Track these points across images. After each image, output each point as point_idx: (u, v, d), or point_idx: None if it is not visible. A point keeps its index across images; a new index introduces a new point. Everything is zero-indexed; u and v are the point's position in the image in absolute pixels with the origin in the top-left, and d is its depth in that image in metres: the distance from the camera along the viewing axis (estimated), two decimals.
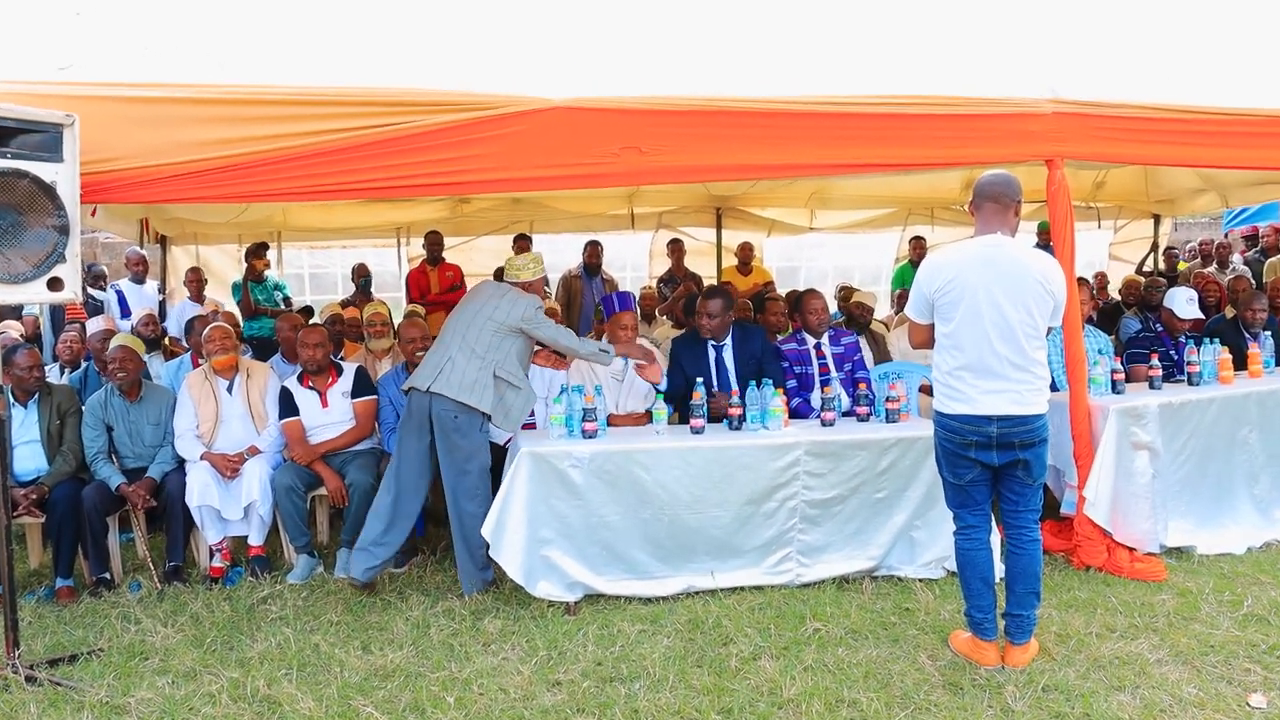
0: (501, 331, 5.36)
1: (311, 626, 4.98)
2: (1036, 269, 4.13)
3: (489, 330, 5.36)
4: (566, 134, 4.79)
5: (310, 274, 12.53)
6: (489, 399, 5.26)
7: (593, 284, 10.15)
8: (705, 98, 4.98)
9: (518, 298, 5.47)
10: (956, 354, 4.19)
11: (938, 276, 4.23)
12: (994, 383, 4.12)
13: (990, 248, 4.16)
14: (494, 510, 5.02)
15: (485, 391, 5.26)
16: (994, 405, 4.12)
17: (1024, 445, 4.15)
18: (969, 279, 4.14)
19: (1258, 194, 10.44)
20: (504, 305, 5.41)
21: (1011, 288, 4.10)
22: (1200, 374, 6.23)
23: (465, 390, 5.23)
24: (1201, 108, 5.69)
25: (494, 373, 5.29)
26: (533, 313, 5.42)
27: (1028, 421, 4.13)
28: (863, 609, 4.99)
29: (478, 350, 5.31)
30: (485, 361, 5.30)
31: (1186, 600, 5.00)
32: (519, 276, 5.65)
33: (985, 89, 5.39)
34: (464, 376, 5.26)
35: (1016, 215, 4.25)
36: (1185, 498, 5.82)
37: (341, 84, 4.74)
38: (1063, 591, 5.15)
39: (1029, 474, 4.23)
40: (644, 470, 5.07)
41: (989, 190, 4.22)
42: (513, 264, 5.73)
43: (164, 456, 5.94)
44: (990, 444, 4.16)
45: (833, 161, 5.33)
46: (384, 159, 4.69)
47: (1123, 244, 12.64)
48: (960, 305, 4.15)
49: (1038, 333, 4.14)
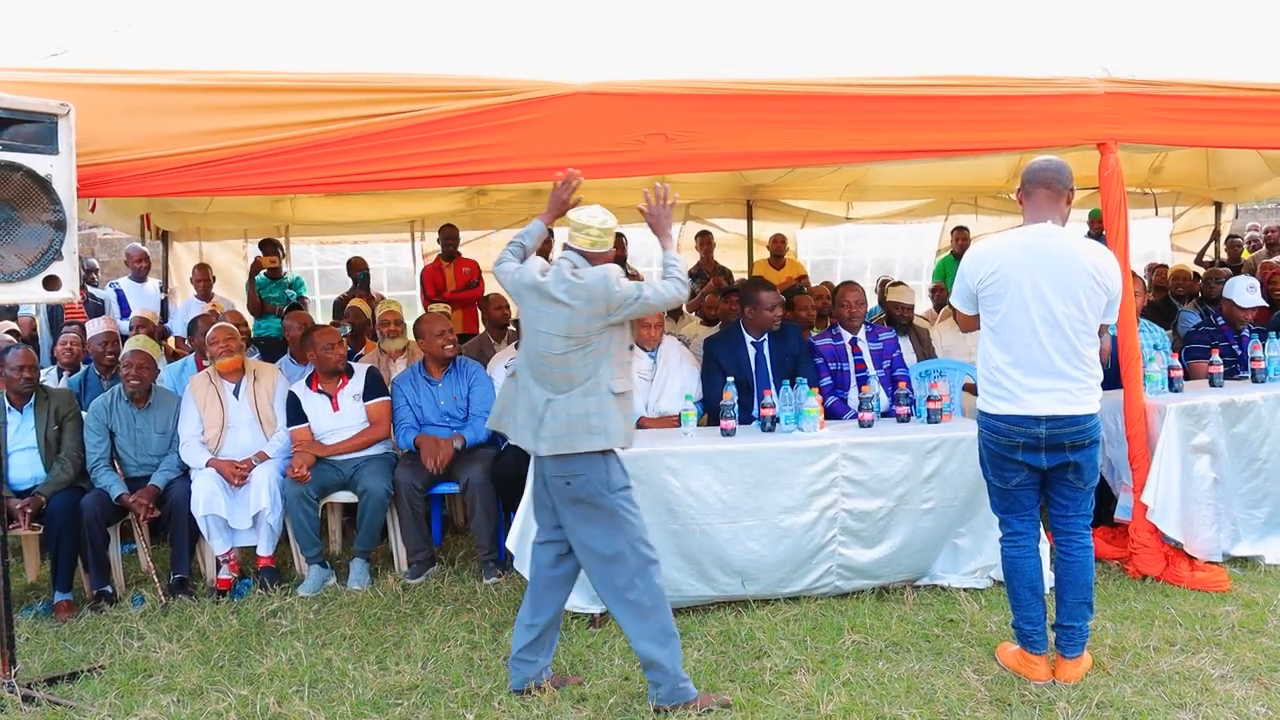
0: (593, 336, 4.12)
1: (324, 641, 5.02)
2: (1089, 261, 4.08)
3: (572, 346, 4.11)
4: (589, 120, 4.81)
5: (320, 270, 12.60)
6: (604, 426, 4.09)
7: None
8: (735, 81, 4.98)
9: (588, 284, 4.11)
10: (1002, 350, 4.16)
11: (982, 267, 4.19)
12: (1042, 380, 4.08)
13: (1040, 237, 4.12)
14: (518, 518, 5.03)
15: (596, 419, 4.08)
16: (1042, 405, 4.08)
17: (1074, 447, 4.11)
18: (1015, 270, 4.10)
19: None
20: (577, 300, 4.09)
21: (1061, 280, 4.05)
22: (1265, 370, 6.15)
23: (567, 435, 4.09)
24: (1265, 84, 5.64)
25: (607, 388, 4.11)
26: (615, 290, 4.10)
27: (1079, 422, 4.09)
28: (904, 620, 4.97)
29: (576, 374, 4.10)
30: (588, 384, 4.10)
31: (1252, 612, 4.95)
32: (587, 244, 4.29)
33: (1033, 68, 5.36)
34: (562, 415, 4.11)
35: (1069, 203, 4.20)
36: (1250, 503, 5.76)
37: (352, 70, 4.79)
38: (1117, 602, 5.12)
39: (1080, 477, 4.19)
40: (672, 475, 5.06)
41: (1041, 176, 4.17)
42: (576, 224, 4.32)
43: (168, 464, 5.99)
44: (1039, 446, 4.12)
45: (871, 147, 5.31)
46: (397, 148, 4.73)
47: (1185, 233, 12.50)
48: (1005, 298, 4.12)
49: (1089, 328, 4.10)
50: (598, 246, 4.26)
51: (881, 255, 13.26)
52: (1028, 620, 4.27)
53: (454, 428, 6.17)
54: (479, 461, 6.01)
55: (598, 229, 4.25)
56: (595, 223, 4.27)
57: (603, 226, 4.26)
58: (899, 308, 7.36)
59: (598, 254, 4.25)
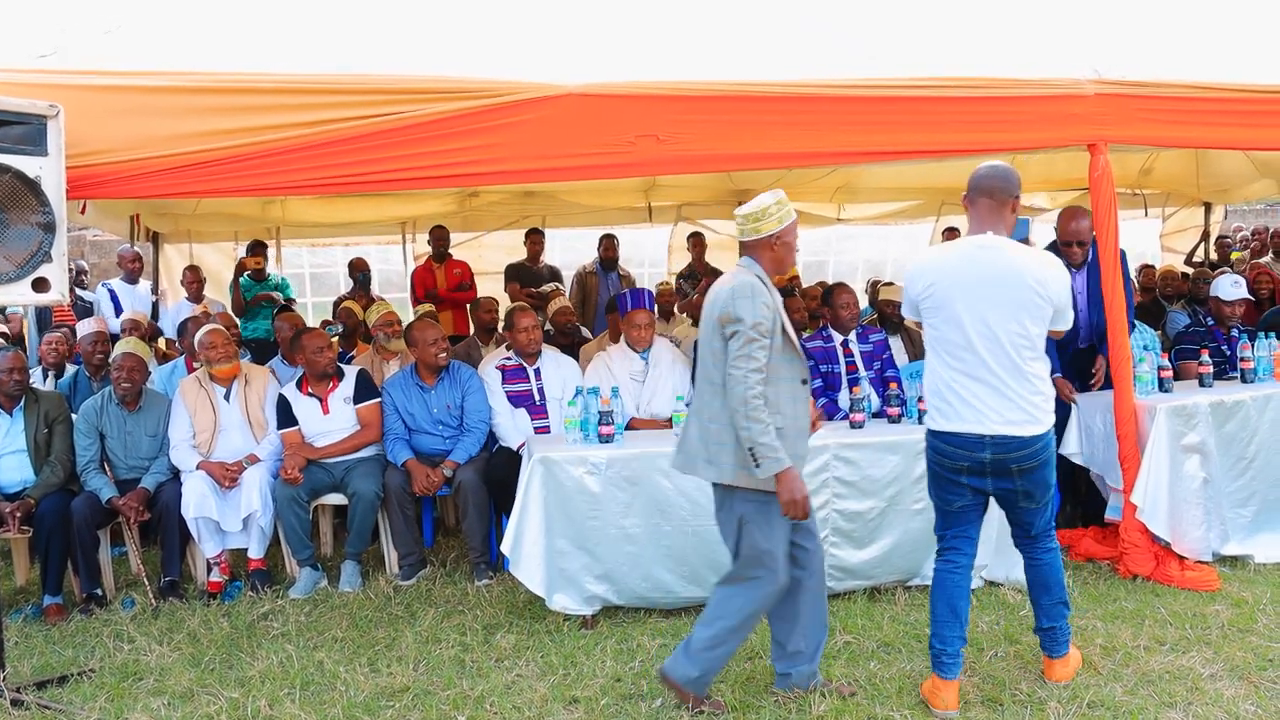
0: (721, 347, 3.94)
1: (315, 643, 5.01)
2: (1031, 273, 3.89)
3: (708, 356, 4.01)
4: (580, 122, 4.82)
5: (311, 273, 12.58)
6: (733, 458, 3.91)
7: (609, 280, 10.17)
8: (726, 82, 4.99)
9: (735, 275, 3.98)
10: (943, 365, 4.02)
11: (919, 280, 4.06)
12: (984, 398, 3.91)
13: (979, 249, 3.95)
14: (511, 523, 5.03)
15: (726, 450, 3.93)
16: (985, 423, 3.91)
17: (1022, 471, 3.94)
18: (952, 284, 3.95)
19: None
20: (721, 294, 3.95)
21: (1000, 293, 3.88)
22: (1254, 370, 6.18)
23: (697, 459, 4.05)
24: (1255, 86, 5.68)
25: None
26: (737, 291, 3.88)
27: (1027, 444, 3.91)
28: (896, 620, 4.98)
29: (716, 384, 3.95)
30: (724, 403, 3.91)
31: (1242, 611, 4.97)
32: (758, 230, 4.00)
33: (1024, 69, 5.39)
34: (695, 436, 4.06)
35: (1014, 212, 4.05)
36: (1238, 502, 5.78)
37: (343, 71, 4.79)
38: (1108, 602, 5.13)
39: (1030, 499, 4.04)
40: (664, 477, 5.05)
41: (984, 184, 4.01)
42: (740, 209, 4.07)
43: (159, 467, 5.98)
44: (984, 471, 3.97)
45: (863, 149, 5.33)
46: (388, 149, 4.73)
47: (1175, 234, 12.56)
48: (943, 311, 3.97)
49: (1031, 343, 3.91)
50: (747, 235, 4.03)
51: (873, 256, 13.28)
52: (940, 639, 4.07)
53: (446, 436, 6.16)
54: (470, 463, 6.00)
55: (742, 214, 4.04)
56: (740, 210, 4.06)
57: (747, 211, 4.02)
58: (891, 306, 7.37)
59: (749, 242, 4.04)
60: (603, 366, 6.18)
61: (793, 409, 3.95)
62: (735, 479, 3.89)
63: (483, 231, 11.50)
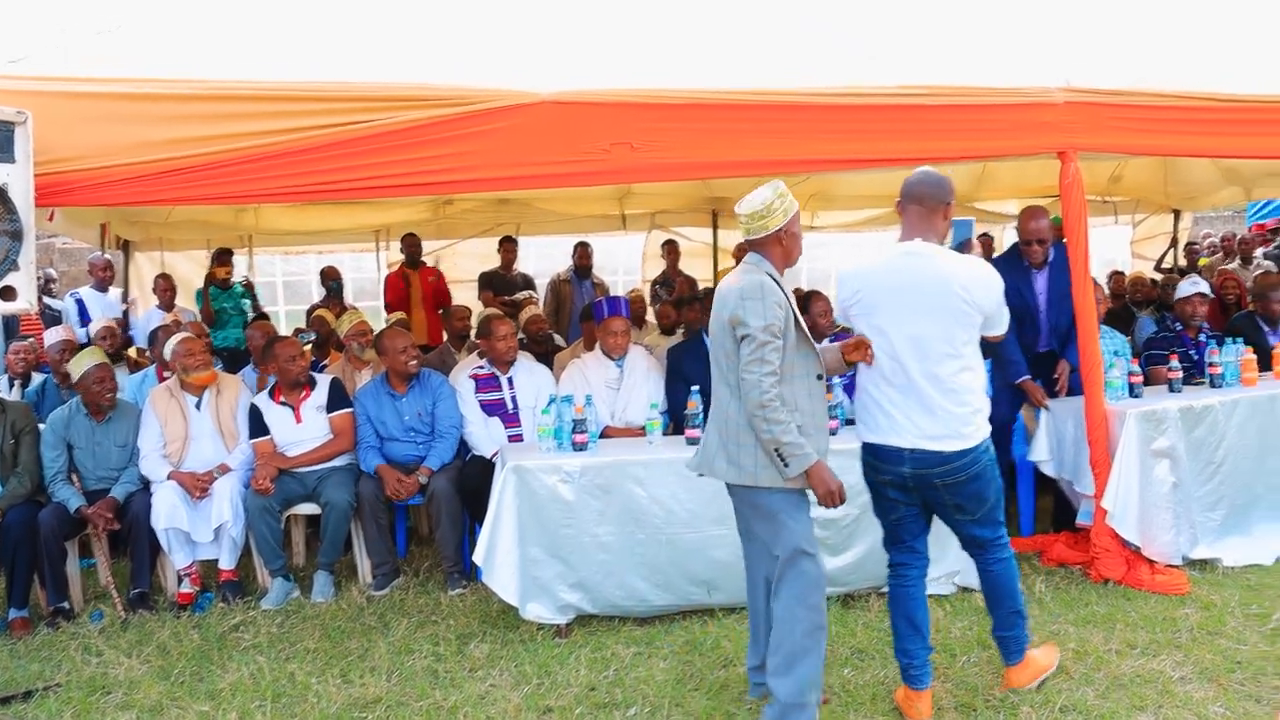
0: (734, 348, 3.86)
1: (287, 654, 4.97)
2: (957, 279, 3.79)
3: (721, 357, 3.94)
4: (554, 129, 4.82)
5: (284, 281, 12.52)
6: (754, 458, 3.83)
7: (583, 288, 10.18)
8: (700, 90, 5.01)
9: (744, 274, 3.89)
10: (867, 375, 3.98)
11: (845, 288, 4.02)
12: (905, 410, 3.85)
13: (906, 256, 3.90)
14: (485, 532, 5.00)
15: (748, 452, 3.85)
16: (904, 436, 3.85)
17: (948, 486, 3.85)
18: (878, 292, 3.91)
19: None
20: (730, 295, 3.86)
21: (925, 301, 3.80)
22: (1223, 375, 6.23)
23: (716, 460, 3.96)
24: (1222, 95, 5.75)
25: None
26: (745, 292, 3.80)
27: (949, 460, 3.81)
28: (869, 627, 4.99)
29: (732, 385, 3.88)
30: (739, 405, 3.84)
31: (1211, 614, 5.01)
32: (765, 227, 3.89)
33: (995, 78, 5.45)
34: (714, 437, 3.99)
35: (946, 219, 3.98)
36: (1207, 506, 5.82)
37: (315, 79, 4.77)
38: (1080, 606, 5.16)
39: (964, 512, 3.95)
40: (638, 485, 5.06)
41: (914, 191, 3.96)
42: (741, 205, 3.93)
43: (128, 477, 5.91)
44: (905, 484, 3.89)
45: (837, 156, 5.34)
46: (361, 157, 4.72)
47: (1145, 240, 12.68)
48: (868, 319, 3.94)
49: (957, 353, 3.81)
50: (754, 233, 3.90)
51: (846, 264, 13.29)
52: (904, 653, 4.06)
53: (419, 443, 6.14)
54: (444, 472, 5.98)
55: (746, 213, 3.89)
56: (742, 209, 3.90)
57: (750, 209, 3.87)
58: None
59: (756, 240, 3.92)
60: (578, 374, 6.17)
61: (810, 404, 3.84)
62: (758, 479, 3.80)
63: (456, 239, 11.47)
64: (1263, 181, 10.00)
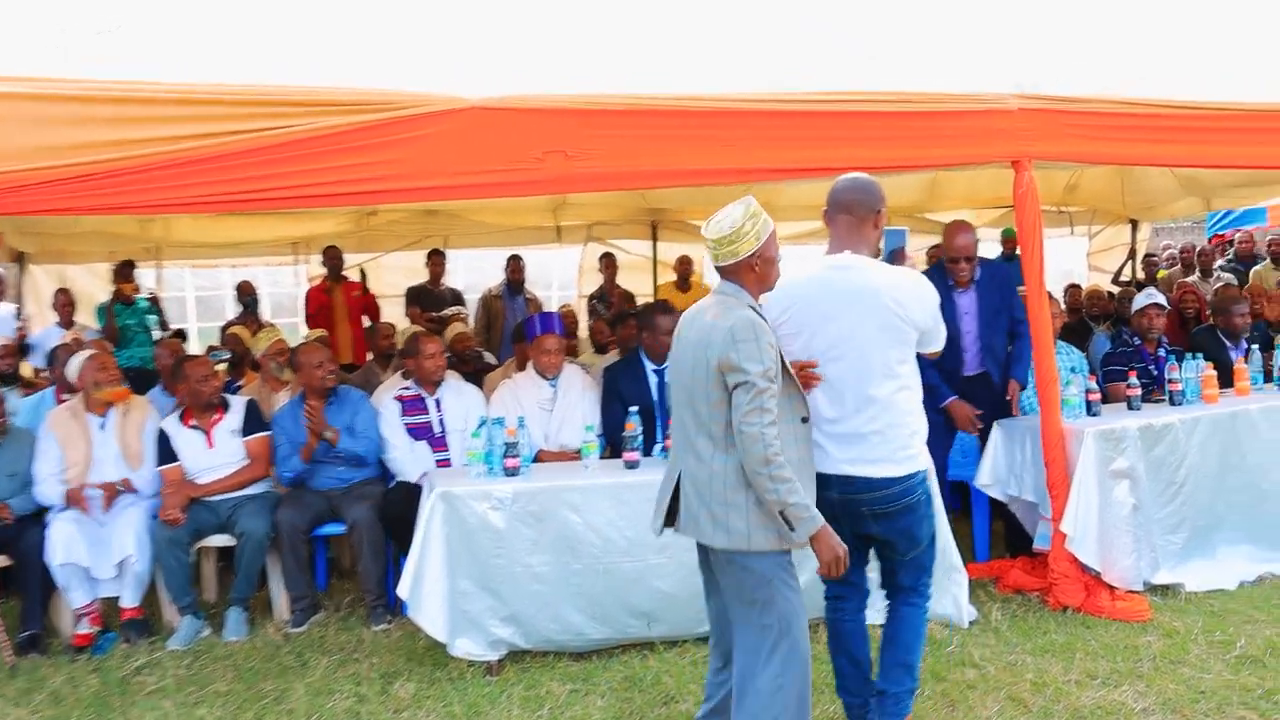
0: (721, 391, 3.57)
1: (196, 698, 4.91)
2: (890, 293, 3.73)
3: (703, 405, 3.62)
4: (483, 137, 4.82)
5: (196, 296, 12.39)
6: (746, 520, 3.56)
7: (515, 303, 10.18)
8: (639, 95, 5.04)
9: (726, 310, 3.61)
10: None
11: (776, 304, 3.87)
12: (833, 433, 3.76)
13: (834, 270, 3.82)
14: (410, 563, 4.98)
15: (737, 513, 3.56)
16: (830, 460, 3.75)
17: (878, 517, 3.76)
18: (806, 308, 3.82)
19: (1243, 196, 10.71)
20: (715, 335, 3.57)
21: (857, 317, 3.72)
22: (1183, 392, 6.30)
23: (700, 521, 3.65)
24: (1181, 102, 5.87)
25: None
26: (738, 332, 3.51)
27: (877, 487, 3.71)
28: (817, 660, 4.99)
29: (715, 437, 3.60)
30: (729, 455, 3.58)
31: (1174, 642, 5.09)
32: (735, 253, 3.63)
33: (946, 84, 5.52)
34: (692, 495, 3.68)
35: (876, 228, 3.93)
36: (1168, 529, 5.91)
37: (229, 81, 4.72)
38: (1038, 635, 5.23)
39: (894, 550, 3.87)
40: (573, 512, 5.07)
41: (842, 199, 3.89)
42: (708, 228, 3.67)
43: (20, 505, 5.80)
44: (833, 513, 3.63)
45: (779, 166, 5.38)
46: (279, 165, 4.67)
47: (1101, 252, 12.93)
48: (798, 339, 3.83)
49: (890, 372, 3.74)
50: (723, 259, 3.64)
51: None
52: (847, 692, 4.03)
53: (340, 465, 6.12)
54: (366, 500, 5.94)
55: (714, 237, 3.62)
56: (710, 232, 3.64)
57: (719, 233, 3.61)
58: None
59: (727, 267, 3.65)
60: (509, 395, 6.16)
61: (797, 451, 3.60)
62: (752, 543, 3.52)
63: (381, 252, 11.43)
64: (1222, 192, 10.21)
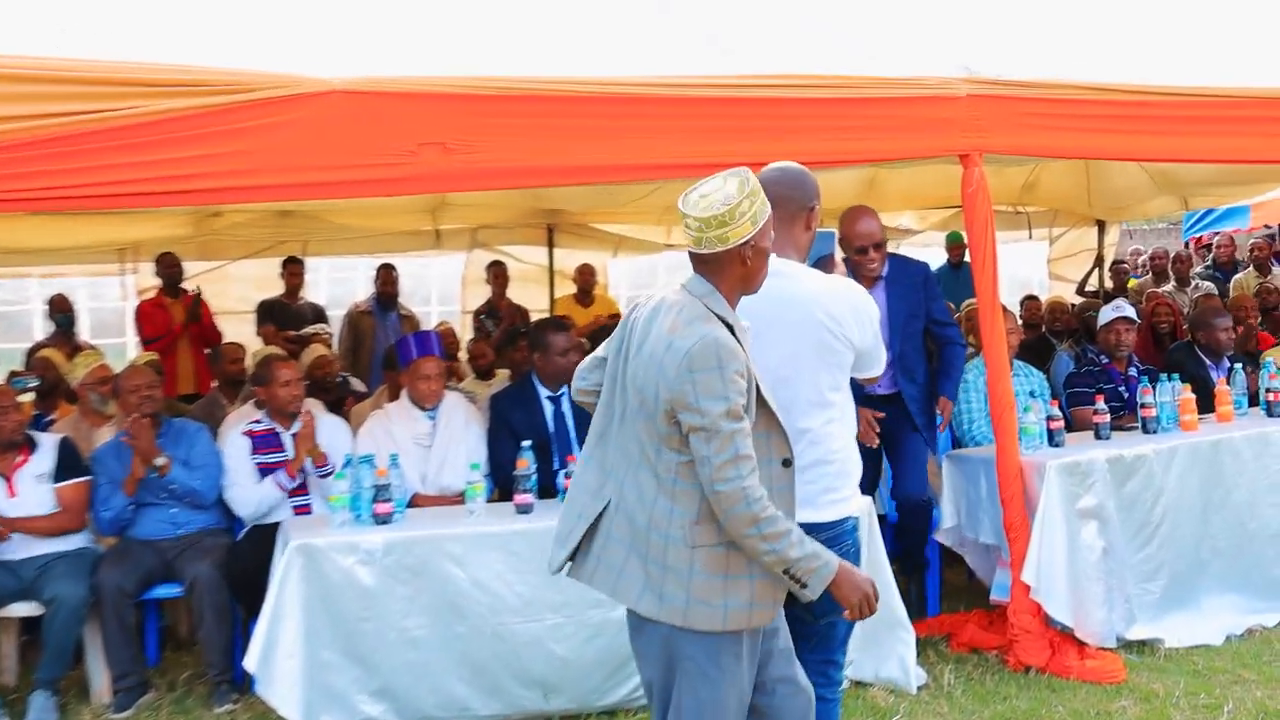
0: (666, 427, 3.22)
1: None
2: (823, 306, 3.60)
3: (646, 439, 3.29)
4: (348, 126, 4.79)
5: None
6: (685, 590, 3.20)
7: (387, 321, 10.13)
8: (532, 79, 5.06)
9: (685, 322, 3.22)
10: None
11: None
12: None
13: (772, 277, 3.48)
14: (260, 629, 4.93)
15: (676, 578, 3.20)
16: None
17: None
18: (751, 319, 3.47)
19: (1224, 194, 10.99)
20: (669, 360, 3.18)
21: (783, 334, 3.57)
22: (1157, 418, 6.33)
23: (628, 581, 3.30)
24: (1150, 87, 6.01)
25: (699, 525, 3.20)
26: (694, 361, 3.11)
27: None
28: None
29: (661, 478, 3.25)
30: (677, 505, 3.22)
31: (1152, 706, 5.16)
32: (725, 239, 3.20)
33: (885, 67, 5.60)
34: (620, 546, 3.33)
35: (808, 230, 3.79)
36: (1144, 576, 5.97)
37: (37, 54, 4.65)
38: (997, 700, 5.28)
39: (809, 613, 3.58)
40: (456, 565, 5.05)
41: (769, 193, 3.37)
42: (689, 202, 3.26)
43: None
44: None
45: (694, 160, 5.32)
46: (103, 156, 4.57)
47: (1064, 259, 13.18)
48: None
49: (822, 400, 3.63)
50: (707, 245, 3.22)
51: None
52: None
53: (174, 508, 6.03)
54: (208, 554, 5.84)
55: (699, 216, 3.19)
56: (692, 208, 3.22)
57: (706, 212, 3.18)
58: None
59: (706, 256, 3.26)
60: (380, 429, 6.13)
61: (777, 501, 3.18)
62: (689, 619, 3.17)
63: (226, 260, 11.30)
64: (1201, 189, 10.47)
